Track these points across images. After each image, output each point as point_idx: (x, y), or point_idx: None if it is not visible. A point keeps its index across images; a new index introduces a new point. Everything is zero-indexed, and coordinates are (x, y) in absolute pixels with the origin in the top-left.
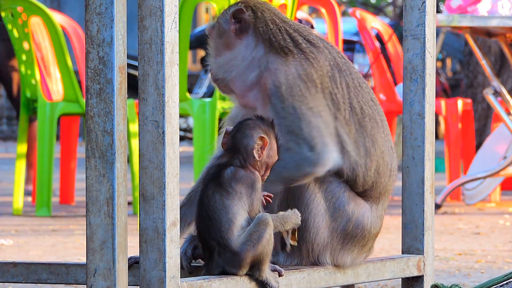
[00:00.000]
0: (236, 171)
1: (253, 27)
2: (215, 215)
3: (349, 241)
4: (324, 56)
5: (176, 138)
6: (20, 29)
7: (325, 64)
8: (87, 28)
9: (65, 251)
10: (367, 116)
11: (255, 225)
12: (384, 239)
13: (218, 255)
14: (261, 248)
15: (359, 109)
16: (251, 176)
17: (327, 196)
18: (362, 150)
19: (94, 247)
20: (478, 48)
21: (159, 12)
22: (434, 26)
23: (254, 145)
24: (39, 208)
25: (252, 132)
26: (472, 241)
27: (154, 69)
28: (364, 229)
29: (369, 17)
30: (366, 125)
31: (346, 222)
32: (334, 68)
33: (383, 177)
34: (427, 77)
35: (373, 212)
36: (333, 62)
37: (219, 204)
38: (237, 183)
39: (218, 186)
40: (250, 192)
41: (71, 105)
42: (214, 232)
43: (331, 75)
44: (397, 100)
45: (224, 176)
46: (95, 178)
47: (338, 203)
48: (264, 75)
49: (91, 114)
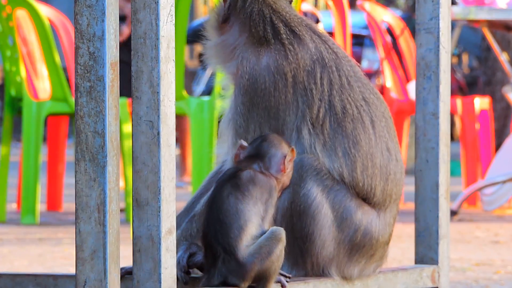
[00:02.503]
0: (255, 174)
1: (237, 17)
2: (226, 220)
3: (356, 252)
4: (306, 49)
5: (172, 140)
6: (4, 22)
7: (304, 58)
8: (77, 21)
9: (52, 261)
10: (349, 116)
11: (267, 238)
12: (396, 248)
13: (223, 263)
14: (269, 264)
15: (341, 108)
16: (270, 182)
17: (334, 206)
18: (339, 151)
19: (84, 257)
20: (496, 43)
21: (154, 5)
22: (449, 19)
23: (286, 155)
24: (24, 215)
25: (281, 143)
26: (491, 250)
27: (148, 66)
28: (372, 238)
29: (379, 10)
30: (346, 125)
31: (354, 232)
32: (317, 62)
33: (376, 179)
34: (442, 74)
35: (381, 219)
36: (317, 56)
37: (232, 208)
38: (254, 186)
39: (235, 187)
40: (267, 197)
41: (59, 104)
42: (222, 237)
43: (309, 69)
44: (409, 99)
45: (242, 177)
46: (85, 183)
47: (346, 213)
48: (237, 65)
49: (80, 114)
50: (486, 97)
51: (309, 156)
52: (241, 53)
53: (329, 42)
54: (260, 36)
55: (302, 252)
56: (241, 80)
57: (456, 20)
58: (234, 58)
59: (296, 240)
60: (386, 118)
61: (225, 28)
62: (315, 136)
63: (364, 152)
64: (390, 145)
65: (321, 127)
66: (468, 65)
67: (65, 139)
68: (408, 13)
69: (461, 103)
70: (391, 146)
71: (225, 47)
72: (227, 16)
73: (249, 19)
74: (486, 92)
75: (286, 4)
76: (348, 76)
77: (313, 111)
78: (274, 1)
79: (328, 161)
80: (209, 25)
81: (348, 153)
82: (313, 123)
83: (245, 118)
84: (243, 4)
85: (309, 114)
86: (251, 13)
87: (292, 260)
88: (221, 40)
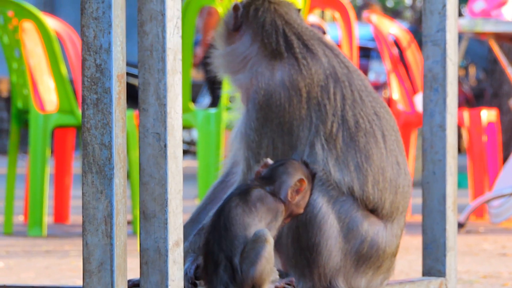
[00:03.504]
0: (265, 195)
1: (250, 26)
2: (232, 228)
3: (363, 263)
4: (319, 64)
5: (179, 152)
6: (11, 35)
7: (317, 72)
8: (83, 33)
9: (59, 274)
10: (362, 131)
11: (253, 242)
12: (403, 260)
13: (224, 270)
14: (261, 267)
15: (353, 122)
16: (277, 205)
17: (340, 216)
18: (351, 165)
19: (91, 269)
20: (503, 55)
21: (161, 17)
22: (456, 32)
23: (292, 184)
24: (31, 227)
25: (295, 172)
26: (498, 263)
27: (155, 78)
28: (378, 249)
29: (386, 22)
30: (359, 139)
31: (360, 243)
32: (330, 78)
33: (386, 193)
34: (449, 86)
35: (388, 231)
36: (330, 71)
37: (239, 218)
38: (262, 205)
39: (243, 202)
40: (271, 219)
41: (66, 117)
42: (226, 244)
43: (323, 84)
44: (416, 111)
45: (252, 194)
46: (92, 195)
47: (352, 223)
48: (251, 79)
49: (87, 126)
50: (493, 109)
51: (315, 167)
52: (254, 66)
53: (340, 56)
54: (273, 48)
55: (309, 262)
56: (255, 96)
57: (463, 32)
58: (246, 69)
59: (303, 251)
60: (395, 131)
61: (236, 37)
62: (327, 151)
63: (376, 166)
64: (399, 159)
65: (334, 142)
66: (475, 77)
67: (72, 151)
68: (415, 25)
69: (468, 115)
70: (400, 159)
71: (236, 57)
72: (239, 25)
73: (261, 29)
74: (493, 104)
75: (297, 15)
76: (360, 91)
77: (327, 126)
78: (286, 11)
79: (339, 175)
80: (219, 33)
81: (360, 167)
82: (326, 138)
83: (258, 133)
84: (255, 13)
85: (323, 129)
86: (263, 23)
87: (299, 271)
88: (232, 49)
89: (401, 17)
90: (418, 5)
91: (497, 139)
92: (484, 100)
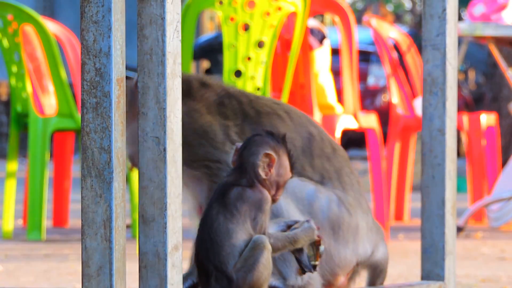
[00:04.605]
0: (243, 191)
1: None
2: (217, 238)
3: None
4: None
5: (178, 156)
6: (11, 38)
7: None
8: (83, 37)
9: (58, 278)
10: (264, 115)
11: (250, 249)
12: (402, 264)
13: (216, 281)
14: (258, 274)
15: (254, 113)
16: (258, 196)
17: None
18: None
19: (90, 273)
20: (503, 59)
21: (160, 21)
22: (456, 36)
23: (259, 163)
24: (30, 231)
25: (258, 149)
26: (497, 267)
27: (154, 82)
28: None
29: (386, 26)
30: (263, 121)
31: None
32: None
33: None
34: (448, 90)
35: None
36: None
37: (222, 227)
38: (243, 204)
39: (223, 207)
40: (256, 213)
41: (65, 120)
42: (213, 255)
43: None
44: (416, 115)
45: (230, 196)
46: (91, 199)
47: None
48: None
49: (87, 130)
50: (492, 114)
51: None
52: None
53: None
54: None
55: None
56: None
57: (462, 36)
58: None
59: None
60: (299, 111)
61: None
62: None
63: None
64: (311, 129)
65: (244, 130)
66: (474, 81)
67: (71, 155)
68: (415, 29)
69: (468, 119)
70: (312, 130)
71: None
72: None
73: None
74: (493, 108)
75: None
76: (252, 95)
77: (234, 122)
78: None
79: None
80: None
81: None
82: (236, 132)
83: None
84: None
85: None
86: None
87: None
88: None
89: (401, 21)
90: (418, 9)
91: (496, 143)
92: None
